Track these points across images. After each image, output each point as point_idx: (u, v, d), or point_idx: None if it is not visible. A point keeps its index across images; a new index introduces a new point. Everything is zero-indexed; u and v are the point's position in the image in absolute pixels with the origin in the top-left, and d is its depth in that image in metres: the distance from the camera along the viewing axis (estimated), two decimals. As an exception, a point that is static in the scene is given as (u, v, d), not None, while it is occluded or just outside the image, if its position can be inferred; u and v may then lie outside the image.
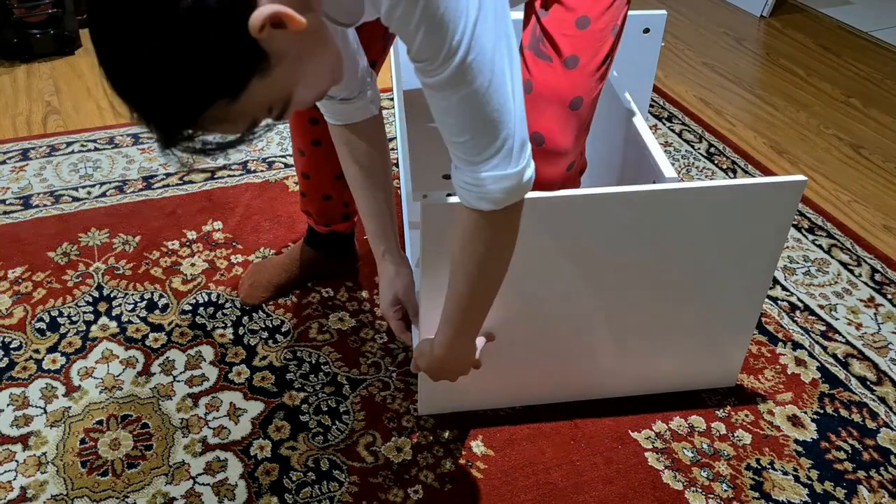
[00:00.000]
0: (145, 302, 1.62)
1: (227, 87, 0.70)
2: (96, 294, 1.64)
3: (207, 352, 1.52)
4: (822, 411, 1.44)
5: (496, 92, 0.86)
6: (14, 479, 1.29)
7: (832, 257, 1.80)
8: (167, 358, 1.51)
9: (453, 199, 1.13)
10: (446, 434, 1.37)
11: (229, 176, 2.00)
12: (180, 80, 0.67)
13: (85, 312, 1.60)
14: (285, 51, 0.73)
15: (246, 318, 1.59)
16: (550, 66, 1.17)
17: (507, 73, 0.86)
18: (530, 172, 0.94)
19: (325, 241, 1.63)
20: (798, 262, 1.78)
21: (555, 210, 1.18)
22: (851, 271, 1.76)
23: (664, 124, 2.28)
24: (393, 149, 2.12)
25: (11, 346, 1.52)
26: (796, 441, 1.39)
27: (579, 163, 1.28)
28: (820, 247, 1.83)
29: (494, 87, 0.85)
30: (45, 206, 1.89)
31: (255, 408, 1.42)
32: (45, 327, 1.56)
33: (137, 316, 1.59)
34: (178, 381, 1.46)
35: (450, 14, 0.79)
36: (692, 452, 1.36)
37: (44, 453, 1.33)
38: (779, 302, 1.67)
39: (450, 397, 1.39)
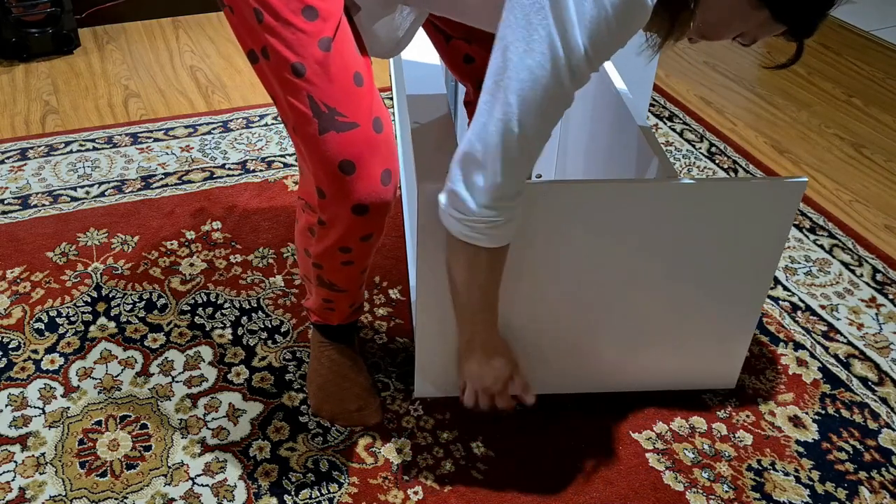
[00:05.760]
0: (144, 302, 1.62)
1: None
2: (95, 294, 1.64)
3: (206, 352, 1.51)
4: (823, 412, 1.44)
5: None
6: (13, 480, 1.29)
7: (833, 257, 1.79)
8: (166, 358, 1.50)
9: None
10: (446, 435, 1.37)
11: (228, 175, 2.00)
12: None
13: (83, 312, 1.59)
14: None
15: (245, 318, 1.59)
16: None
17: None
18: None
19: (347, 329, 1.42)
20: (799, 262, 1.77)
21: (551, 200, 1.17)
22: (853, 271, 1.75)
23: (665, 123, 2.27)
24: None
25: (10, 346, 1.52)
26: (797, 442, 1.38)
27: None
28: (821, 247, 1.82)
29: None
30: (43, 205, 1.89)
31: (255, 408, 1.41)
32: (43, 327, 1.56)
33: (136, 316, 1.59)
34: (177, 382, 1.45)
35: None
36: (693, 453, 1.35)
37: (42, 454, 1.33)
38: (780, 302, 1.66)
39: (446, 381, 1.39)
